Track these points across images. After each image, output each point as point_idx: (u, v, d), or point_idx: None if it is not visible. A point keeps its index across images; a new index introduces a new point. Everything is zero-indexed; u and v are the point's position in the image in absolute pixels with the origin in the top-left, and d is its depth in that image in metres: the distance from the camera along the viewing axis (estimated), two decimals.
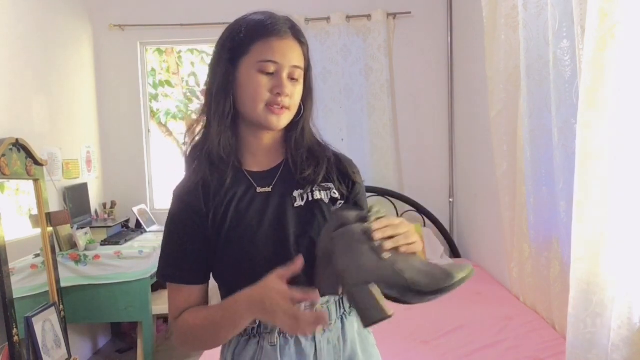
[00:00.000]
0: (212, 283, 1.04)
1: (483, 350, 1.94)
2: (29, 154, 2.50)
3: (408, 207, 3.56)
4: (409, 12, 3.53)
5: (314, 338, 0.96)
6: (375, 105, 3.54)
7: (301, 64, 0.97)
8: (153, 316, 2.97)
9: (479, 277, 2.95)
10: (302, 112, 1.01)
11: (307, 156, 1.01)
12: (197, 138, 1.01)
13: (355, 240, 0.83)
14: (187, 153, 1.01)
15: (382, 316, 0.78)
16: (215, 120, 0.96)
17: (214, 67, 0.98)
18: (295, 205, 0.98)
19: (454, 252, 3.51)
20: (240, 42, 0.95)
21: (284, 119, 0.96)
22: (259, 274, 0.88)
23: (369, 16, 3.50)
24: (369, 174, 3.50)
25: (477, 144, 3.08)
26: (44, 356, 2.31)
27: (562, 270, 1.95)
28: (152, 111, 4.52)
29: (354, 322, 1.03)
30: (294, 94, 0.96)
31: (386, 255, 0.82)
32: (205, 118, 0.99)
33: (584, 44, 1.34)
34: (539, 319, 2.21)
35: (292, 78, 0.95)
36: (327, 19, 3.49)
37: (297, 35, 0.98)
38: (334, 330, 0.99)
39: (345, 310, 1.01)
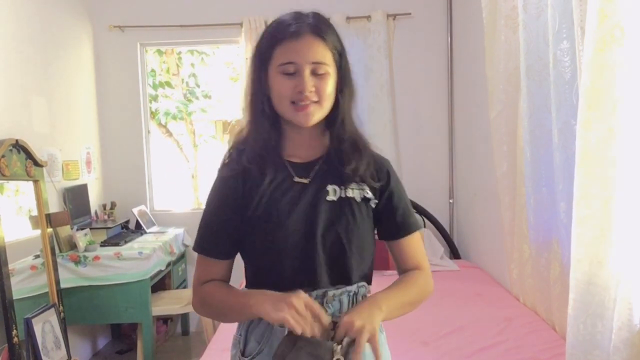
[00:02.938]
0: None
1: (483, 351, 1.94)
2: (29, 155, 2.50)
3: None
4: (409, 13, 3.53)
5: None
6: (375, 106, 3.54)
7: (324, 58, 0.98)
8: (153, 317, 2.97)
9: (479, 278, 2.95)
10: (339, 104, 1.03)
11: (350, 150, 1.04)
12: (243, 133, 1.07)
13: None
14: (230, 147, 1.08)
15: None
16: (254, 122, 1.03)
17: (250, 73, 1.05)
18: (328, 199, 1.02)
19: (454, 253, 3.51)
20: (265, 49, 1.01)
21: (313, 115, 0.99)
22: (283, 260, 0.99)
23: (368, 17, 3.50)
24: None
25: (477, 145, 3.08)
26: (43, 357, 2.30)
27: (562, 271, 1.95)
28: (152, 112, 4.52)
29: None
30: (321, 88, 0.98)
31: None
32: (248, 116, 1.06)
33: (584, 45, 1.34)
34: (539, 320, 2.21)
35: (316, 74, 0.98)
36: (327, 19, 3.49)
37: (318, 32, 0.99)
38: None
39: (355, 304, 1.04)
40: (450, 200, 3.65)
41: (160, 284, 3.30)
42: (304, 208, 1.01)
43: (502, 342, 2.00)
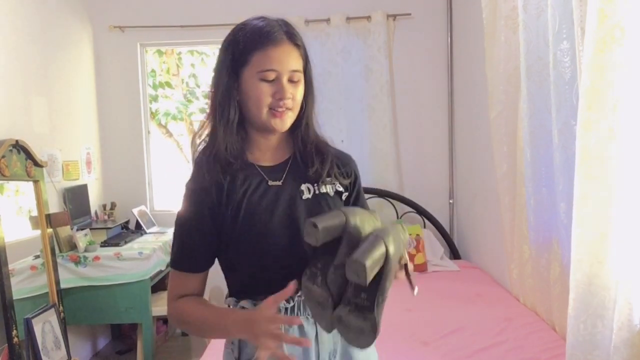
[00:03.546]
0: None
1: (483, 351, 1.94)
2: (29, 155, 2.50)
3: (408, 209, 3.56)
4: (409, 14, 3.53)
5: (315, 322, 1.02)
6: (375, 107, 3.54)
7: (299, 66, 1.02)
8: (153, 317, 2.97)
9: (479, 278, 2.95)
10: (304, 109, 1.07)
11: (314, 152, 1.09)
12: (204, 141, 1.07)
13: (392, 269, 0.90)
14: (196, 155, 1.07)
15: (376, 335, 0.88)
16: (221, 126, 1.02)
17: (217, 76, 1.03)
18: (304, 197, 1.05)
19: (454, 254, 3.51)
20: (240, 53, 1.00)
21: (287, 121, 1.03)
22: (272, 261, 1.00)
23: (368, 17, 3.50)
24: (368, 176, 3.49)
25: (477, 145, 3.09)
26: (43, 357, 2.30)
27: (562, 272, 1.95)
28: (152, 112, 4.53)
29: None
30: (295, 95, 1.02)
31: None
32: (211, 123, 1.05)
33: (584, 46, 1.34)
34: (539, 320, 2.21)
35: (291, 81, 1.01)
36: (327, 20, 3.50)
37: (293, 39, 1.02)
38: None
39: None
40: (450, 201, 3.65)
41: (160, 284, 3.30)
42: (284, 209, 1.03)
43: (502, 342, 2.00)
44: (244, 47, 1.00)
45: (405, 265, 0.95)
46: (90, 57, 3.59)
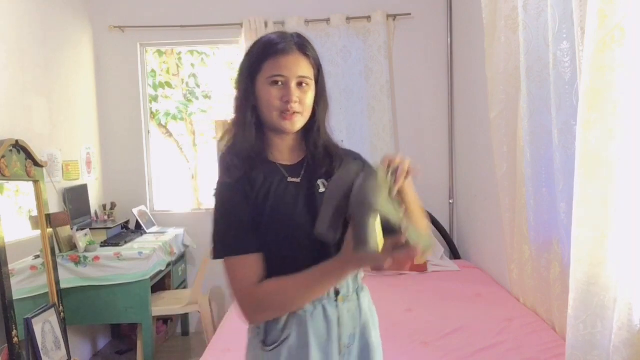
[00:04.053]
0: None
1: (483, 351, 1.94)
2: (29, 155, 2.50)
3: None
4: (409, 14, 3.53)
5: (337, 306, 1.12)
6: (375, 107, 3.54)
7: (309, 73, 1.13)
8: (153, 317, 2.97)
9: (479, 278, 2.95)
10: (316, 114, 1.17)
11: (323, 154, 1.19)
12: (228, 143, 1.18)
13: (378, 185, 0.97)
14: (223, 155, 1.16)
15: (376, 250, 0.92)
16: (240, 128, 1.14)
17: (238, 84, 1.16)
18: (320, 191, 1.15)
19: (454, 254, 3.51)
20: (254, 62, 1.13)
21: (297, 123, 1.13)
22: (297, 250, 1.09)
23: (368, 17, 3.50)
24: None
25: (477, 145, 3.09)
26: (43, 357, 2.30)
27: (562, 272, 1.95)
28: (152, 112, 4.53)
29: (366, 297, 1.20)
30: (304, 100, 1.12)
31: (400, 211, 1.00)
32: (235, 126, 1.16)
33: (584, 46, 1.34)
34: (539, 320, 2.21)
35: (300, 86, 1.12)
36: (327, 20, 3.50)
37: (303, 49, 1.13)
38: (352, 302, 1.15)
39: (359, 286, 1.19)
40: (450, 201, 3.65)
41: (160, 284, 3.30)
42: (304, 202, 1.13)
43: (502, 342, 2.01)
44: (258, 56, 1.12)
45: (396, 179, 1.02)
46: (90, 57, 3.59)
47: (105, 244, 3.01)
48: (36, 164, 2.54)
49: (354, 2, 3.54)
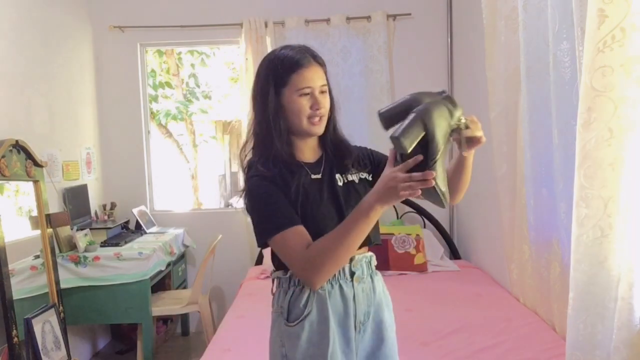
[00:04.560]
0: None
1: (483, 351, 1.94)
2: (29, 155, 2.50)
3: (408, 209, 3.56)
4: (409, 14, 3.53)
5: (353, 286, 1.25)
6: (375, 107, 3.52)
7: (325, 81, 1.28)
8: (153, 317, 2.97)
9: (479, 278, 2.95)
10: (331, 116, 1.32)
11: (339, 149, 1.35)
12: (252, 151, 1.31)
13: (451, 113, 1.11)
14: (255, 162, 1.28)
15: (438, 148, 1.06)
16: (277, 137, 1.26)
17: (264, 97, 1.26)
18: (339, 184, 1.30)
19: (454, 254, 3.51)
20: (280, 77, 1.25)
21: (322, 126, 1.29)
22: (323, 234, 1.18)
23: (368, 17, 3.50)
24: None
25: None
26: (43, 357, 2.30)
27: (562, 272, 1.95)
28: (152, 112, 4.52)
29: (380, 281, 1.34)
30: (326, 105, 1.28)
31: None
32: (263, 135, 1.27)
33: (584, 45, 1.34)
34: (539, 320, 2.21)
35: (322, 93, 1.27)
36: (327, 20, 3.50)
37: (318, 60, 1.28)
38: (367, 283, 1.28)
39: (372, 271, 1.32)
40: None
41: (160, 284, 3.30)
42: (328, 194, 1.27)
43: (502, 342, 2.01)
44: (283, 71, 1.24)
45: (460, 130, 1.13)
46: (90, 58, 3.59)
47: (105, 244, 3.01)
48: (36, 164, 2.54)
49: (354, 2, 3.54)
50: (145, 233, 3.37)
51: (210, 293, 3.36)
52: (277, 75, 1.25)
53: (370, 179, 1.38)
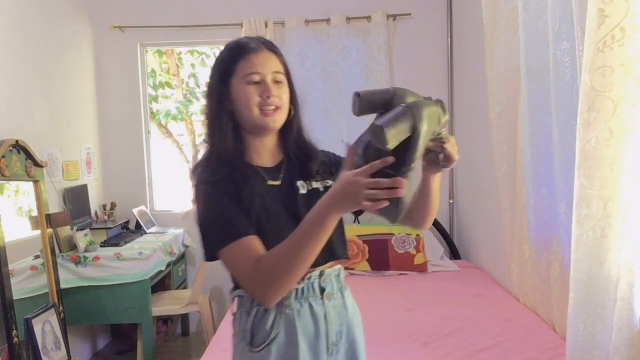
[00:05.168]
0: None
1: (483, 351, 1.94)
2: (29, 155, 2.50)
3: None
4: (409, 14, 3.53)
5: (323, 303, 1.13)
6: None
7: (280, 68, 1.15)
8: (153, 317, 2.97)
9: (479, 278, 2.95)
10: (292, 114, 1.18)
11: (303, 152, 1.20)
12: (203, 151, 1.17)
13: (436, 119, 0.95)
14: (200, 161, 1.15)
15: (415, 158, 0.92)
16: (217, 132, 1.13)
17: (210, 92, 1.15)
18: (300, 192, 1.16)
19: (454, 254, 3.51)
20: (225, 66, 1.13)
21: (278, 119, 1.14)
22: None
23: (369, 17, 3.50)
24: None
25: (477, 145, 3.08)
26: (43, 357, 2.30)
27: (562, 272, 1.95)
28: (152, 112, 4.53)
29: (349, 296, 1.22)
30: (281, 94, 1.13)
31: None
32: (210, 132, 1.15)
33: (584, 45, 1.34)
34: (539, 320, 2.21)
35: (276, 81, 1.13)
36: (327, 20, 3.50)
37: (270, 47, 1.16)
38: (337, 300, 1.17)
39: (342, 285, 1.20)
40: (450, 201, 3.65)
41: (160, 284, 3.30)
42: (285, 205, 1.12)
43: (502, 342, 2.00)
44: (228, 60, 1.13)
45: (442, 141, 0.99)
46: (90, 57, 3.59)
47: (105, 244, 3.01)
48: (36, 164, 2.54)
49: (354, 2, 3.54)
50: (145, 233, 3.37)
51: (210, 293, 3.36)
52: (223, 65, 1.14)
53: None
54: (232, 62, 1.12)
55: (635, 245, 1.33)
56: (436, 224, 3.52)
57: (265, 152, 1.18)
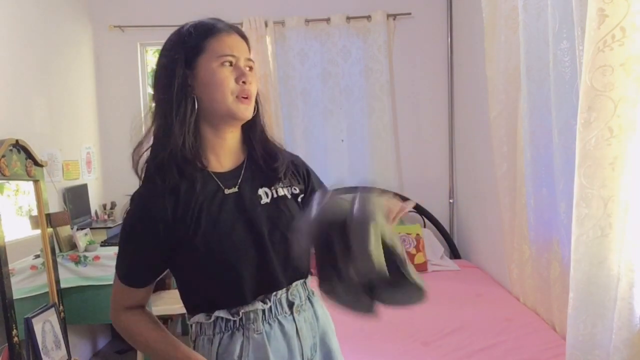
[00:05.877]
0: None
1: (483, 351, 1.94)
2: (29, 155, 2.50)
3: (408, 208, 3.56)
4: (409, 13, 3.53)
5: (294, 319, 1.02)
6: (375, 106, 3.54)
7: (251, 57, 1.02)
8: None
9: (479, 278, 2.95)
10: (257, 110, 1.04)
11: (268, 154, 1.06)
12: (150, 146, 1.01)
13: (378, 205, 0.87)
14: (146, 162, 1.02)
15: (380, 267, 0.82)
16: (177, 123, 0.95)
17: (168, 71, 0.97)
18: (262, 202, 1.02)
19: (454, 253, 3.51)
20: (193, 43, 0.98)
21: (250, 110, 1.00)
22: (239, 272, 0.96)
23: (369, 17, 3.50)
24: (369, 175, 3.50)
25: (477, 145, 3.08)
26: (43, 357, 2.30)
27: (562, 271, 1.95)
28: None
29: (319, 301, 1.09)
30: (253, 83, 0.99)
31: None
32: (159, 124, 0.99)
33: (584, 45, 1.34)
34: (539, 320, 2.21)
35: (249, 68, 1.00)
36: (327, 19, 3.50)
37: (240, 32, 1.03)
38: (307, 310, 1.06)
39: (309, 292, 1.08)
40: (450, 200, 3.65)
41: (160, 283, 3.30)
42: (244, 218, 0.98)
43: (502, 342, 2.00)
44: (197, 36, 0.98)
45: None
46: (90, 57, 3.59)
47: (105, 243, 3.00)
48: (36, 163, 2.54)
49: (354, 2, 3.54)
50: None
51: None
52: (188, 45, 0.97)
53: (301, 199, 1.07)
54: (201, 39, 0.97)
55: (636, 245, 1.33)
56: (436, 224, 3.52)
57: (224, 153, 1.03)
